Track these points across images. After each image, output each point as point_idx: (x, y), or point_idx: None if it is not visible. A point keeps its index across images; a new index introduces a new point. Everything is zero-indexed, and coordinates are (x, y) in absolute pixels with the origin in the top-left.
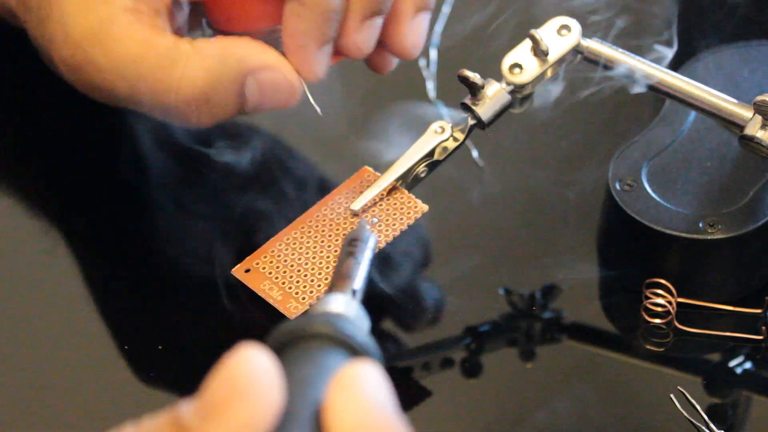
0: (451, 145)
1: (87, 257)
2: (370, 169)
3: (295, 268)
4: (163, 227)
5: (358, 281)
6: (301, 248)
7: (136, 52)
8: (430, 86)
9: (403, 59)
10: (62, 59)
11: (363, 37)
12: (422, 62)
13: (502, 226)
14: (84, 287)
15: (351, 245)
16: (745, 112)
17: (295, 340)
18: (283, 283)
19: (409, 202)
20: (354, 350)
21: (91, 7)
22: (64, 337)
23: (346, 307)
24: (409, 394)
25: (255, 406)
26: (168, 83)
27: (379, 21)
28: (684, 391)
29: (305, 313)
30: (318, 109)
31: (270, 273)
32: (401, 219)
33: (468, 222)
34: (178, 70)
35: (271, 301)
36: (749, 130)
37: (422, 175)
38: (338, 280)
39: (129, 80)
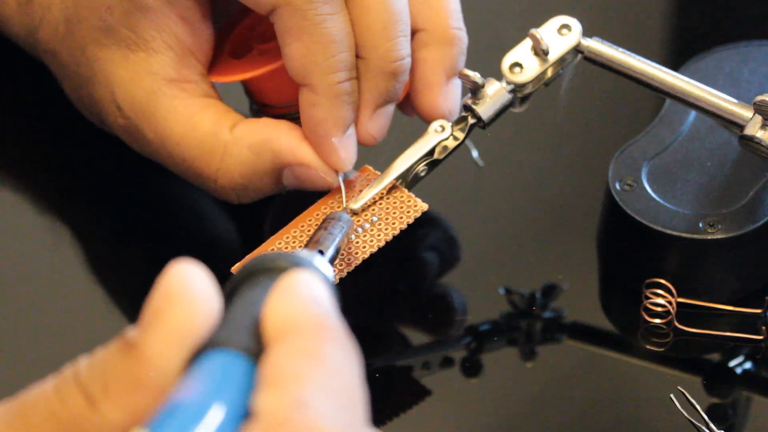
0: (451, 144)
1: (91, 252)
2: (371, 168)
3: None
4: (166, 221)
5: (326, 245)
6: (300, 247)
7: (180, 133)
8: None
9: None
10: (117, 125)
11: (376, 126)
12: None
13: (501, 225)
14: (88, 283)
15: (325, 221)
16: (745, 112)
17: (250, 274)
18: None
19: (408, 201)
20: None
21: (137, 77)
22: (69, 333)
23: (312, 256)
24: (409, 393)
25: (189, 308)
26: (208, 172)
27: (391, 108)
28: (684, 391)
29: None
30: None
31: None
32: (401, 218)
33: (468, 221)
34: (216, 161)
35: None
36: (749, 130)
37: (422, 174)
38: (309, 245)
39: (175, 159)
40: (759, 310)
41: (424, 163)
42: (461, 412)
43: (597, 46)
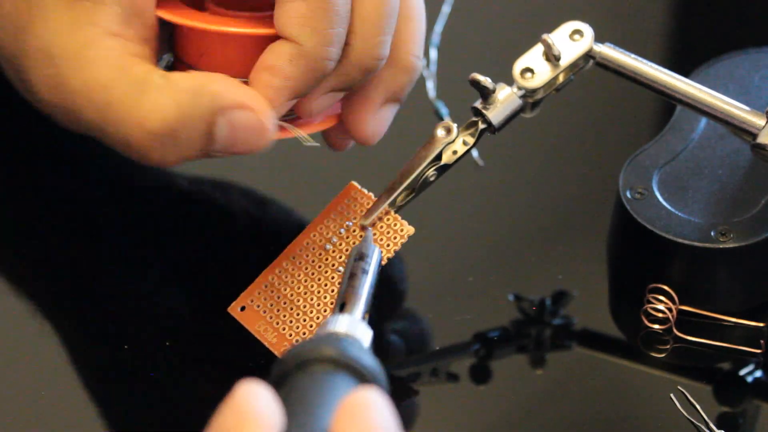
0: (461, 148)
1: (90, 258)
2: (357, 184)
3: (287, 305)
4: (165, 232)
5: (363, 299)
6: (292, 281)
7: (107, 77)
8: (430, 86)
9: (359, 144)
10: (43, 77)
11: (319, 105)
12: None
13: (511, 233)
14: (84, 291)
15: (358, 261)
16: (757, 120)
17: (301, 364)
18: (277, 324)
19: (394, 225)
20: (358, 373)
21: (76, 26)
22: (61, 338)
23: (351, 328)
24: (417, 400)
25: (261, 429)
26: (135, 114)
27: (339, 95)
28: (684, 391)
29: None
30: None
31: (264, 311)
32: (387, 245)
33: (478, 227)
34: (148, 100)
35: (266, 344)
36: (762, 139)
37: (431, 179)
38: (344, 298)
39: (97, 106)
40: (762, 324)
41: (433, 168)
42: (466, 417)
43: (609, 51)
